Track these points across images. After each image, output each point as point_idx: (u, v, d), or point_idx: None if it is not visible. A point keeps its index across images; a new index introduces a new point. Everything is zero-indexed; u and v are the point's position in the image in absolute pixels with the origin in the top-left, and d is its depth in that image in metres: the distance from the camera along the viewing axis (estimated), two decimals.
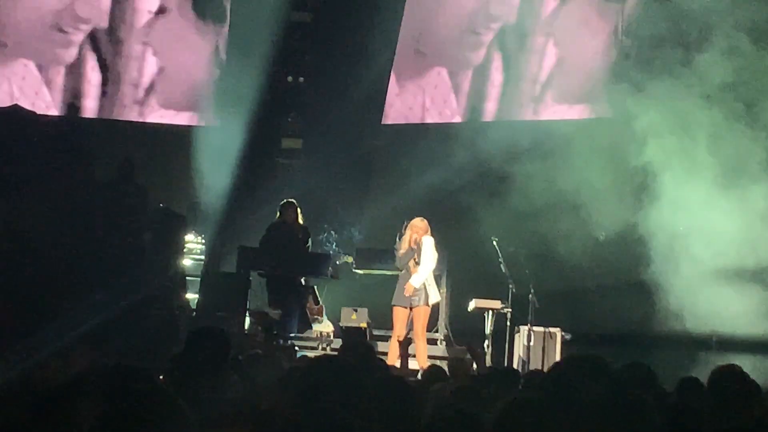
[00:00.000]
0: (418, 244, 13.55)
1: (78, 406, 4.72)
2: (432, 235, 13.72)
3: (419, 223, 13.65)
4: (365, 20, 18.30)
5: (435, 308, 14.20)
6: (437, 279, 14.58)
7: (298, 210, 15.46)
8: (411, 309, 13.53)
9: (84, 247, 13.87)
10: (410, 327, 13.70)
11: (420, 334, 13.56)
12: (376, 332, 15.12)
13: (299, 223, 15.48)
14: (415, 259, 13.52)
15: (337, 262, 15.81)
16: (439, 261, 14.14)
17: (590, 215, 14.77)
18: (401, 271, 13.73)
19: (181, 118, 18.94)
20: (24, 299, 12.70)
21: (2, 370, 7.96)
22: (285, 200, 15.56)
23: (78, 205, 14.55)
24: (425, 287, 13.54)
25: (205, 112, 18.77)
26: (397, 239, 14.49)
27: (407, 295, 13.47)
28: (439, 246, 13.89)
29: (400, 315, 13.56)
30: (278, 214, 15.51)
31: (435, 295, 13.73)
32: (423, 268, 13.52)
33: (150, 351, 11.32)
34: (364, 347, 7.14)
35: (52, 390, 5.12)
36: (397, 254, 13.80)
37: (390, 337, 13.87)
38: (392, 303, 13.63)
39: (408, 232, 13.68)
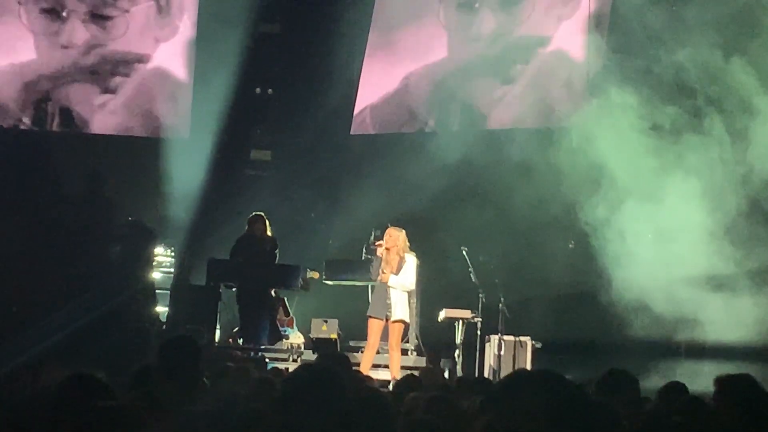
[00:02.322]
0: (400, 257, 13.50)
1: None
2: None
3: (394, 232, 13.61)
4: (333, 31, 18.32)
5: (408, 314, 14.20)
6: None
7: (267, 223, 15.45)
8: (387, 321, 13.50)
9: (52, 260, 13.81)
10: (384, 338, 13.73)
11: (395, 346, 13.56)
12: (346, 344, 15.12)
13: (268, 236, 15.47)
14: (383, 269, 13.47)
15: (306, 276, 15.77)
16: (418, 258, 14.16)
17: (559, 223, 14.83)
18: (375, 282, 13.69)
19: (149, 130, 18.88)
20: None
21: None
22: (253, 213, 15.56)
23: (45, 218, 14.49)
24: (401, 302, 13.51)
25: (175, 125, 18.72)
26: (363, 249, 14.48)
27: (383, 281, 13.42)
28: (415, 259, 13.89)
29: (375, 326, 13.53)
30: (246, 227, 15.50)
31: (407, 315, 13.70)
32: (403, 278, 13.49)
33: (120, 365, 11.25)
34: (339, 358, 7.14)
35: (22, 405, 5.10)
36: (372, 265, 13.77)
37: (361, 347, 13.86)
38: (368, 314, 13.59)
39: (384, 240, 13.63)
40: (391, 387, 10.27)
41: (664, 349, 13.83)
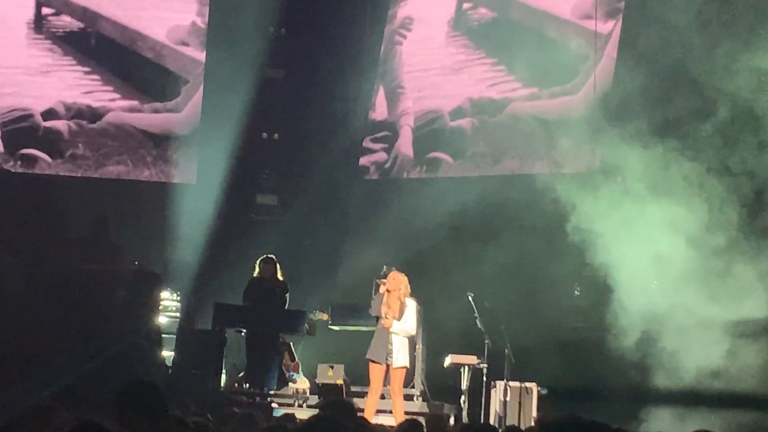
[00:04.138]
0: (401, 301, 13.49)
1: None
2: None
3: (397, 276, 13.62)
4: (339, 76, 18.40)
5: (411, 364, 14.17)
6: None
7: (277, 266, 15.41)
8: (387, 366, 13.49)
9: (58, 305, 13.82)
10: (386, 383, 13.72)
11: (398, 391, 13.54)
12: (352, 389, 15.07)
13: (278, 279, 15.43)
14: (386, 314, 13.46)
15: (313, 318, 15.75)
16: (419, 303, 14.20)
17: (565, 270, 14.84)
18: (377, 323, 13.67)
19: (156, 175, 18.93)
20: None
21: None
22: (264, 255, 15.52)
23: (51, 262, 14.51)
24: (403, 348, 13.50)
25: (181, 169, 18.78)
26: (373, 293, 14.45)
27: (386, 317, 13.41)
28: (416, 304, 13.89)
29: (376, 371, 13.51)
30: (257, 269, 15.44)
31: (408, 360, 13.70)
32: (405, 323, 13.49)
33: None
34: (344, 404, 7.12)
35: None
36: (374, 300, 13.77)
37: (367, 393, 13.83)
38: (368, 357, 13.57)
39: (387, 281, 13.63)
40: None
41: (670, 396, 13.79)
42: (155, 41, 19.32)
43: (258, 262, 15.49)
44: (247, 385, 15.36)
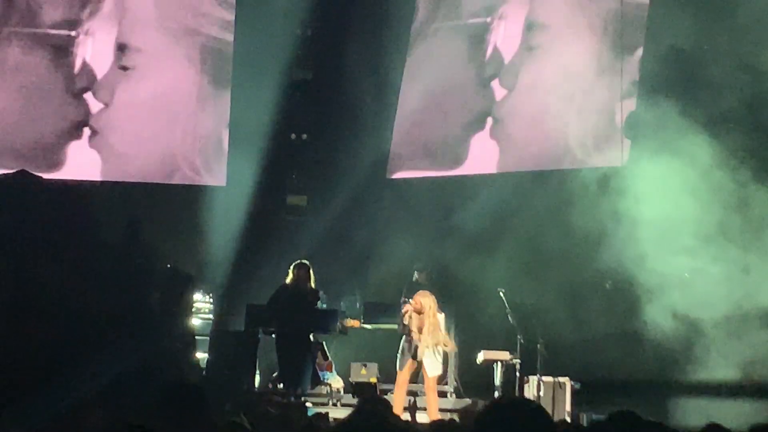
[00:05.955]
0: (430, 322, 13.51)
1: None
2: (437, 295, 13.71)
3: (422, 300, 13.57)
4: (366, 76, 18.43)
5: (443, 361, 14.21)
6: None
7: (311, 272, 15.28)
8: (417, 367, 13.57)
9: (92, 309, 13.91)
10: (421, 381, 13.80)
11: (432, 388, 13.57)
12: (385, 387, 15.11)
13: (311, 287, 15.28)
14: (413, 330, 13.50)
15: (345, 325, 15.75)
16: (447, 314, 14.21)
17: (596, 263, 14.83)
18: (403, 336, 13.70)
19: (187, 178, 18.98)
20: (35, 360, 12.73)
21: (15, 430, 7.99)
22: (299, 261, 15.38)
23: (86, 267, 14.60)
24: (433, 358, 13.53)
25: (212, 172, 18.85)
26: (404, 290, 14.47)
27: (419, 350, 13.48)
28: (445, 303, 13.93)
29: (402, 378, 13.60)
30: (290, 275, 15.36)
31: (440, 368, 13.75)
32: (431, 337, 13.51)
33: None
34: (382, 403, 7.16)
35: None
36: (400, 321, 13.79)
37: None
38: (398, 369, 13.65)
39: (412, 303, 13.62)
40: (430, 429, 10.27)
41: (703, 389, 13.77)
42: None
43: (292, 267, 15.33)
44: (281, 385, 15.40)
